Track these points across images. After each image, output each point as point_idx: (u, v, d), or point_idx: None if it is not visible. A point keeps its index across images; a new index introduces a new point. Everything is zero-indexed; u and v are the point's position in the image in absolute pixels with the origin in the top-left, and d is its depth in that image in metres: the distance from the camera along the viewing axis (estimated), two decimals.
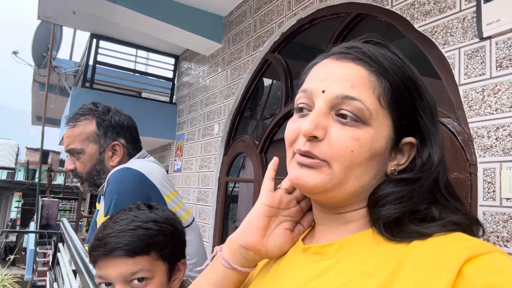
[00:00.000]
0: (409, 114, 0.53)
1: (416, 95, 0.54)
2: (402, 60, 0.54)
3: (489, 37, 1.54)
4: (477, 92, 1.57)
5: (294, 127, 0.55)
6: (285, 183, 0.60)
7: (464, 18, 1.65)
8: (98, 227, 0.89)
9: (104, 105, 1.36)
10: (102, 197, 1.36)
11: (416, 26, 1.87)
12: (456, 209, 0.51)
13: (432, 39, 1.79)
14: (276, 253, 0.58)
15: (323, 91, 0.52)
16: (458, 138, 1.66)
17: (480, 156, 1.53)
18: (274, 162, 0.61)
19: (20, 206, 13.48)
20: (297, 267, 0.55)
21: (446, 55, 1.72)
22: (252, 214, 0.58)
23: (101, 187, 1.32)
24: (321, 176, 0.51)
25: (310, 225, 0.62)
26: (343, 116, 0.51)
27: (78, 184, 1.36)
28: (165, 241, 0.86)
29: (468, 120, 1.60)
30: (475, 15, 1.60)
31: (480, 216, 1.49)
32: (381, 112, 0.51)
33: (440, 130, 0.55)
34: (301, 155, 0.52)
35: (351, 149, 0.50)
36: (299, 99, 0.56)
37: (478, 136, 1.55)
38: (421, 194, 0.51)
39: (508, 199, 1.41)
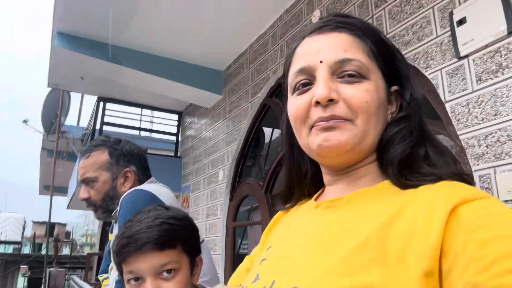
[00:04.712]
0: (391, 64, 0.60)
1: (388, 47, 0.61)
2: (367, 23, 0.63)
3: (466, 56, 1.68)
4: (463, 106, 1.67)
5: (302, 101, 0.57)
6: None
7: (441, 42, 1.81)
8: (118, 234, 0.93)
9: (115, 137, 1.47)
10: (115, 225, 1.42)
11: None
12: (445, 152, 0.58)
13: (415, 65, 1.93)
14: None
15: (321, 61, 0.56)
16: (451, 151, 1.73)
17: (474, 164, 1.60)
18: None
19: (27, 275, 13.15)
20: (309, 220, 0.60)
21: (429, 77, 1.85)
22: None
23: (114, 212, 1.38)
24: (347, 133, 0.54)
25: None
26: (349, 75, 0.56)
27: (92, 213, 1.42)
28: (187, 235, 0.94)
29: (458, 133, 1.68)
30: (451, 38, 1.75)
31: None
32: (373, 66, 0.58)
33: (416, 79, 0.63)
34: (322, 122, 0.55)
35: (365, 100, 0.54)
36: (297, 77, 0.59)
37: (470, 146, 1.63)
38: (417, 127, 0.57)
39: (506, 201, 1.45)
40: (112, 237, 1.48)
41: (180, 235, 0.91)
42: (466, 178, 0.53)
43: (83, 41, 3.52)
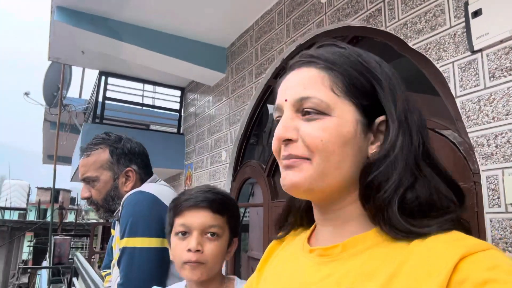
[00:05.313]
0: (369, 94, 0.56)
1: (370, 76, 0.56)
2: (349, 50, 0.59)
3: (480, 50, 1.61)
4: (474, 103, 1.62)
5: (275, 137, 0.60)
6: None
7: (455, 34, 1.73)
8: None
9: (116, 134, 1.44)
10: (117, 222, 1.42)
11: (410, 44, 1.95)
12: (439, 183, 0.53)
13: (427, 55, 1.86)
14: None
15: (286, 100, 0.58)
16: (460, 148, 1.70)
17: (482, 164, 1.57)
18: None
19: (32, 245, 13.51)
20: (304, 268, 0.58)
21: (441, 69, 1.78)
22: None
23: (116, 211, 1.37)
24: (301, 173, 0.54)
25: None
26: (306, 113, 0.56)
27: (94, 211, 1.41)
28: (233, 211, 1.07)
29: (467, 130, 1.64)
30: (465, 30, 1.68)
31: (487, 224, 1.51)
32: (338, 100, 0.55)
33: (415, 105, 0.58)
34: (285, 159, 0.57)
35: (320, 139, 0.53)
36: (274, 114, 0.62)
37: (479, 145, 1.59)
38: (399, 165, 0.52)
39: None
40: (114, 233, 1.48)
41: (229, 208, 1.05)
42: (463, 223, 0.52)
43: (83, 15, 3.42)
